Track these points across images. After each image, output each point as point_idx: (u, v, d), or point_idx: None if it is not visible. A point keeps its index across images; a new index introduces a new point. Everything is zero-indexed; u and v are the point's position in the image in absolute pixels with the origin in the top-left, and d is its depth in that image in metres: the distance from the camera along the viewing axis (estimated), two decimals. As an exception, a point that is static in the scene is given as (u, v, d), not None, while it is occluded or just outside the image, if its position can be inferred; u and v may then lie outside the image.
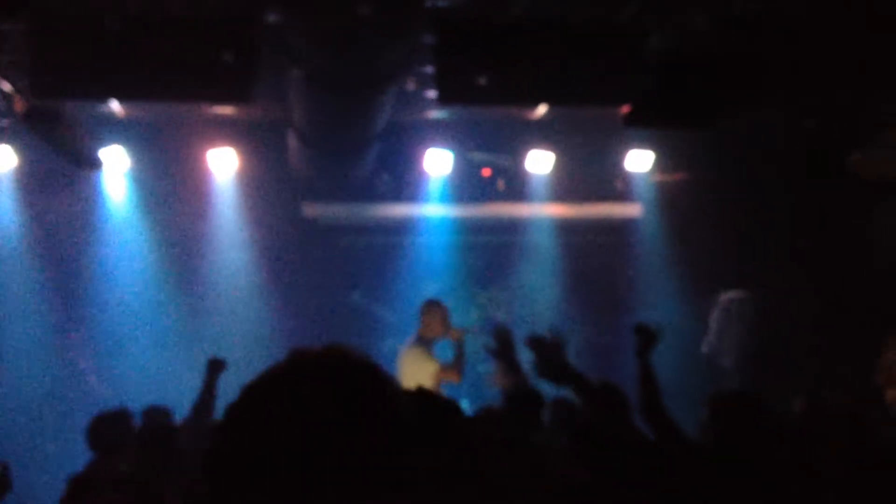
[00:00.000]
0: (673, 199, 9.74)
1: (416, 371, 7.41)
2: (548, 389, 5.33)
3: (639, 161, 9.64)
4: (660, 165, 9.74)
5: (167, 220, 9.48)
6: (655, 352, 9.16)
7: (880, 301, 7.07)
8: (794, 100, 7.01)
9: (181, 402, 8.62)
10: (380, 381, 1.61)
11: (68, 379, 9.36)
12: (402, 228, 10.01)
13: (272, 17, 5.36)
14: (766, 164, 8.37)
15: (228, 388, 8.49)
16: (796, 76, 6.72)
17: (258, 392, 1.58)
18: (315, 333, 9.43)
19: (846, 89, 7.00)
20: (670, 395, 4.99)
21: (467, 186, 9.76)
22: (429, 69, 7.06)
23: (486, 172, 9.74)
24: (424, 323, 7.83)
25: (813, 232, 8.40)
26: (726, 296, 9.43)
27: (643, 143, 9.45)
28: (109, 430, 5.14)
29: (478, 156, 9.65)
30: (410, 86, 7.35)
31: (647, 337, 4.69)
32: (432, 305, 7.95)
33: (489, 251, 10.24)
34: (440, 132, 9.52)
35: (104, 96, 7.44)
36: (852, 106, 7.18)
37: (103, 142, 8.53)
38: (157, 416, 5.68)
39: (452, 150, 9.52)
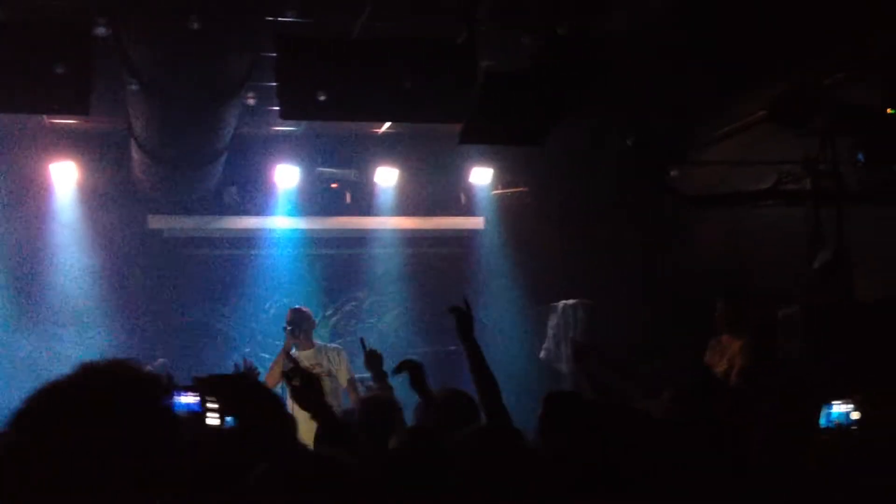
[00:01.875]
0: (513, 212, 10.13)
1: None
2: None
3: (480, 175, 10.00)
4: (500, 179, 10.12)
5: (6, 233, 9.20)
6: (497, 359, 9.47)
7: (701, 305, 7.57)
8: (616, 117, 7.46)
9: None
10: (154, 395, 1.76)
11: None
12: (249, 241, 10.04)
13: (102, 31, 5.35)
14: (596, 177, 8.84)
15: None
16: (621, 92, 7.17)
17: (39, 402, 1.72)
18: (159, 348, 9.36)
19: (666, 108, 7.49)
20: (510, 398, 5.25)
21: (315, 200, 9.89)
22: (273, 84, 7.18)
23: (334, 186, 9.89)
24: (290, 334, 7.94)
25: (639, 241, 8.92)
26: (562, 303, 9.87)
27: (484, 158, 9.80)
28: None
29: (325, 170, 9.79)
30: (251, 101, 7.42)
31: (462, 316, 4.62)
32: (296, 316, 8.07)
33: (337, 264, 10.39)
34: (288, 146, 9.63)
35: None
36: (671, 125, 7.68)
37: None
38: None
39: (300, 163, 9.64)
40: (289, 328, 7.96)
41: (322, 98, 6.27)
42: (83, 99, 6.31)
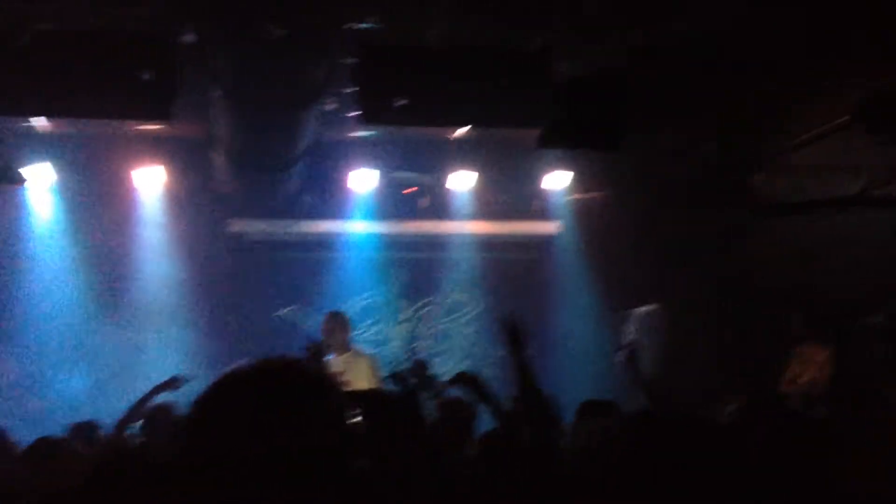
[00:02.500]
0: (590, 217, 10.06)
1: None
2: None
3: (557, 180, 9.95)
4: (576, 184, 10.06)
5: (94, 236, 9.49)
6: (572, 367, 9.41)
7: (776, 315, 7.44)
8: (698, 121, 7.36)
9: (108, 414, 8.70)
10: (332, 390, 1.76)
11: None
12: (328, 244, 10.16)
13: (188, 39, 5.48)
14: (673, 183, 8.74)
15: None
16: (700, 98, 7.07)
17: (220, 393, 1.70)
18: (242, 348, 9.53)
19: (749, 112, 7.37)
20: None
21: (391, 204, 9.96)
22: (352, 90, 7.27)
23: (410, 191, 9.95)
24: (325, 335, 7.99)
25: (716, 247, 8.78)
26: (639, 309, 9.76)
27: (560, 163, 9.76)
28: None
29: (402, 174, 9.86)
30: (331, 106, 7.52)
31: (513, 332, 4.41)
32: (331, 318, 8.16)
33: (414, 267, 10.45)
34: (365, 151, 9.72)
35: (21, 113, 7.48)
36: (754, 129, 7.55)
37: (29, 157, 8.53)
38: (82, 432, 5.65)
39: (377, 168, 9.73)
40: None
41: (401, 104, 6.31)
42: (166, 105, 6.49)
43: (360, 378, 7.82)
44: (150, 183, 9.40)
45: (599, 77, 5.84)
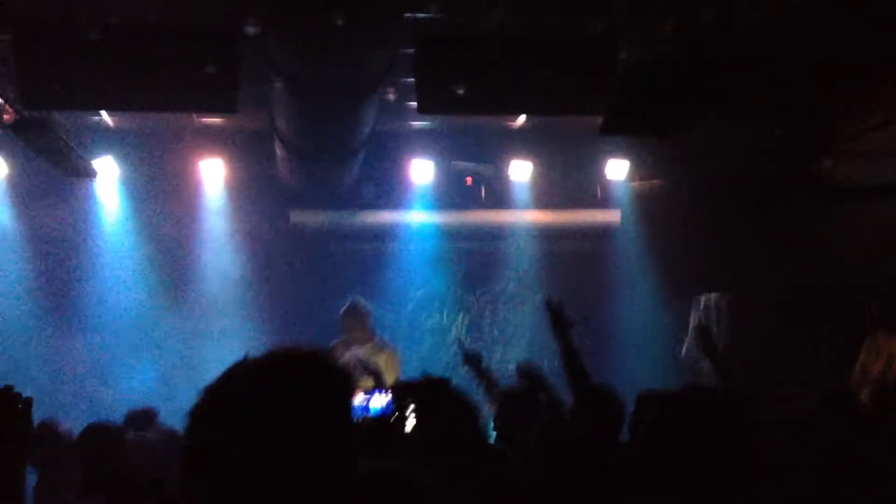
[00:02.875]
0: (650, 205, 9.94)
1: None
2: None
3: (616, 168, 9.85)
4: (637, 172, 9.95)
5: (158, 228, 9.65)
6: (636, 356, 9.31)
7: (846, 303, 7.27)
8: (764, 106, 7.22)
9: (175, 406, 8.84)
10: (342, 380, 1.71)
11: (67, 384, 9.46)
12: (388, 235, 10.19)
13: (251, 30, 5.52)
14: (738, 169, 8.59)
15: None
16: (766, 83, 6.93)
17: (223, 390, 1.67)
18: (306, 338, 9.61)
19: (817, 97, 7.21)
20: None
21: (450, 194, 9.96)
22: (410, 79, 7.28)
23: (469, 181, 9.93)
24: (346, 329, 8.04)
25: (784, 234, 8.61)
26: (704, 297, 9.63)
27: (620, 151, 9.66)
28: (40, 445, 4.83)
29: (460, 164, 9.85)
30: (390, 96, 7.52)
31: (556, 313, 4.56)
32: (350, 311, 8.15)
33: (473, 257, 10.43)
34: (423, 141, 9.74)
35: (91, 106, 7.63)
36: (823, 113, 7.38)
37: (95, 151, 8.69)
38: (139, 418, 5.74)
39: (435, 158, 9.72)
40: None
41: (461, 92, 6.28)
42: (231, 98, 6.55)
43: (388, 372, 7.76)
44: (212, 175, 9.51)
45: (663, 62, 5.74)
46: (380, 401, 3.84)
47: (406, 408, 3.52)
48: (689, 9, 5.85)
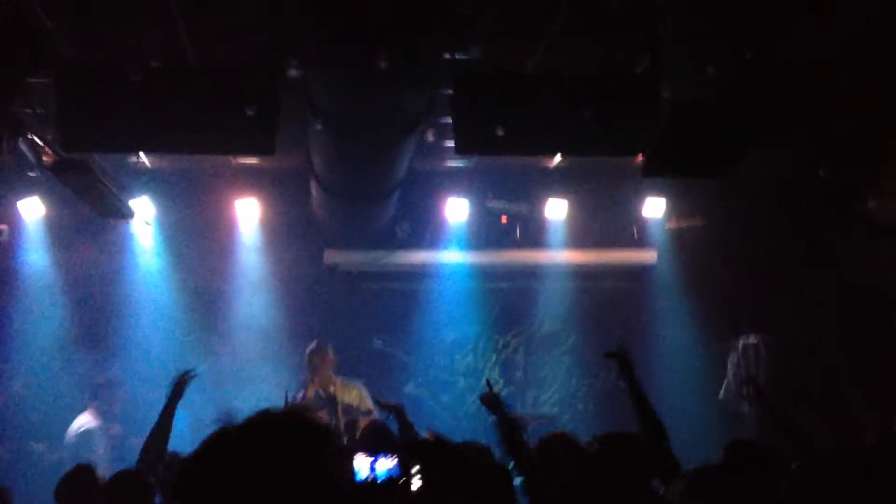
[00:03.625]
0: (687, 244, 9.83)
1: None
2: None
3: (653, 207, 9.76)
4: (674, 210, 9.85)
5: (194, 269, 9.65)
6: (673, 400, 9.15)
7: (887, 341, 7.13)
8: (802, 144, 7.13)
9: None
10: (326, 445, 1.75)
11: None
12: (421, 275, 10.15)
13: (293, 72, 5.52)
14: (777, 208, 8.48)
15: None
16: (806, 121, 6.85)
17: (211, 448, 1.76)
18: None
19: (854, 133, 7.12)
20: (689, 442, 5.05)
21: (485, 233, 9.90)
22: (446, 119, 7.25)
23: (504, 220, 9.87)
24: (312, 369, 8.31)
25: (824, 275, 8.46)
26: (742, 340, 9.48)
27: (657, 190, 9.57)
28: (73, 488, 5.02)
29: (495, 203, 9.79)
30: (430, 137, 7.50)
31: (621, 359, 4.65)
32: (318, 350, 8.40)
33: (508, 297, 10.36)
34: (458, 180, 9.71)
35: (130, 149, 7.66)
36: (865, 151, 7.28)
37: (131, 191, 8.72)
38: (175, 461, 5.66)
39: (470, 197, 9.69)
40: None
41: (501, 133, 6.24)
42: (269, 140, 6.52)
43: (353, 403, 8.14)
44: (248, 214, 9.52)
45: (706, 101, 5.68)
46: (386, 464, 3.82)
47: (412, 469, 3.51)
48: (733, 46, 5.81)
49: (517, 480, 4.68)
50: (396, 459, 3.82)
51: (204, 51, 6.42)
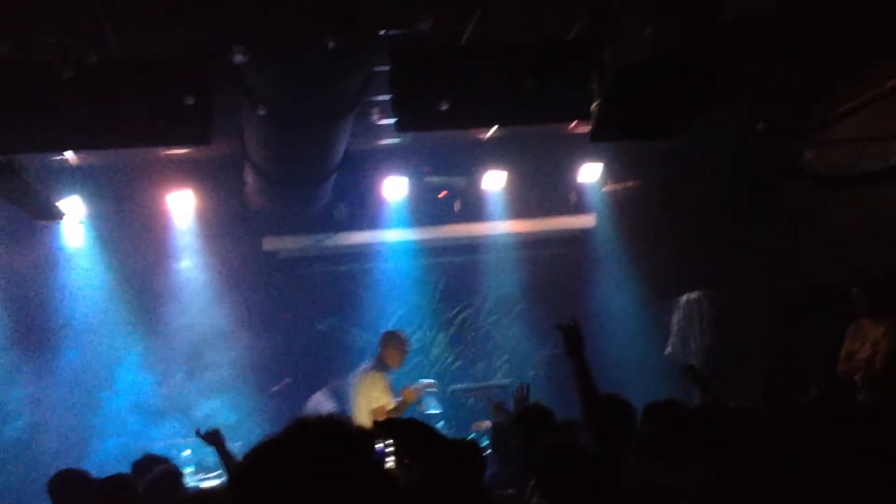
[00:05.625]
0: (625, 207, 9.91)
1: (373, 394, 7.68)
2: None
3: (589, 172, 9.82)
4: (611, 174, 9.92)
5: (128, 264, 9.41)
6: (619, 359, 9.24)
7: (836, 293, 7.27)
8: (742, 102, 7.22)
9: (154, 444, 8.62)
10: (370, 449, 1.77)
11: (35, 428, 9.19)
12: (363, 255, 10.07)
13: (237, 59, 5.36)
14: (715, 164, 8.58)
15: (207, 422, 8.49)
16: (744, 78, 6.92)
17: (260, 460, 1.73)
18: (288, 365, 9.47)
19: (791, 88, 7.22)
20: (637, 401, 5.06)
21: (425, 210, 9.84)
22: (381, 97, 7.16)
23: (443, 194, 9.82)
24: (387, 354, 7.93)
25: (765, 229, 8.61)
26: (685, 297, 9.62)
27: (593, 155, 9.61)
28: (68, 488, 5.00)
29: (433, 179, 9.74)
30: (375, 116, 7.39)
31: (568, 333, 4.41)
32: (394, 337, 8.06)
33: (452, 271, 10.34)
34: (394, 158, 9.62)
35: (61, 148, 7.40)
36: (799, 104, 7.40)
37: (60, 191, 8.44)
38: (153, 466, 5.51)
39: (408, 175, 9.61)
40: None
41: (445, 108, 6.17)
42: (205, 129, 6.37)
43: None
44: (182, 207, 9.30)
45: (649, 64, 5.68)
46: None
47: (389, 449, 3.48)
48: (671, 7, 5.82)
49: None
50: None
51: (131, 45, 6.20)
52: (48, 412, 9.32)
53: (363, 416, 7.60)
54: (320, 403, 8.85)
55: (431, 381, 8.36)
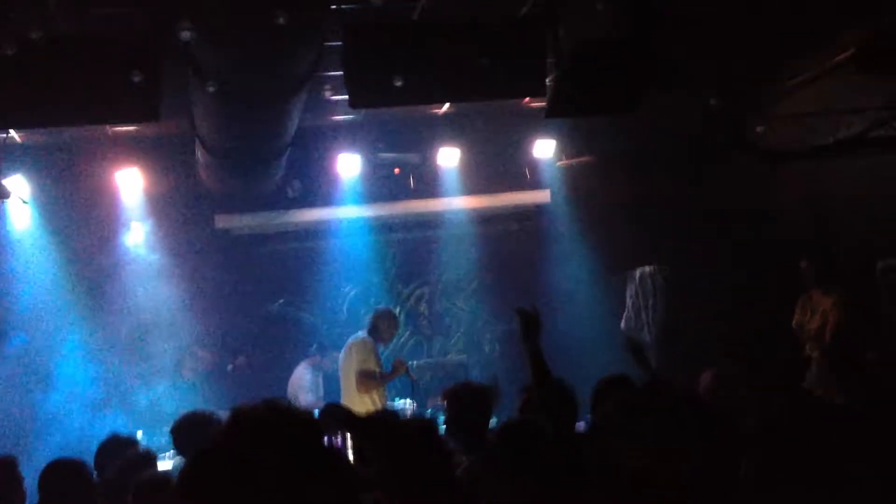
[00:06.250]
0: (579, 182, 9.94)
1: (364, 358, 8.00)
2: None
3: (543, 147, 9.82)
4: (564, 149, 9.93)
5: (77, 245, 9.21)
6: (575, 333, 9.29)
7: (786, 267, 7.38)
8: (693, 77, 7.25)
9: (87, 428, 8.48)
10: (319, 434, 1.71)
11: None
12: (317, 233, 10.00)
13: (185, 35, 5.25)
14: (668, 140, 8.63)
15: (165, 400, 8.35)
16: (695, 53, 6.95)
17: (206, 457, 1.68)
18: (241, 345, 9.40)
19: (741, 63, 7.27)
20: (592, 374, 5.10)
21: (379, 186, 9.77)
22: (332, 73, 7.08)
23: (397, 171, 9.76)
24: (381, 329, 8.23)
25: (717, 203, 8.69)
26: (639, 270, 9.70)
27: (547, 131, 9.61)
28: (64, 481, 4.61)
29: (387, 155, 9.67)
30: (328, 92, 7.30)
31: (527, 319, 4.48)
32: (390, 314, 8.43)
33: (407, 248, 10.32)
34: (347, 134, 9.54)
35: (6, 126, 7.22)
36: (750, 80, 7.45)
37: (4, 170, 8.24)
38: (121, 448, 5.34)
39: (361, 151, 9.53)
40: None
41: (399, 84, 6.11)
42: (153, 106, 6.27)
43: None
44: (130, 185, 9.13)
45: (606, 39, 5.68)
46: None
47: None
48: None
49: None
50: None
51: (76, 21, 6.05)
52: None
53: (351, 377, 7.94)
54: (302, 377, 8.90)
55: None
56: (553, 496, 3.63)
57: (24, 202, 8.83)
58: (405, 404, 8.16)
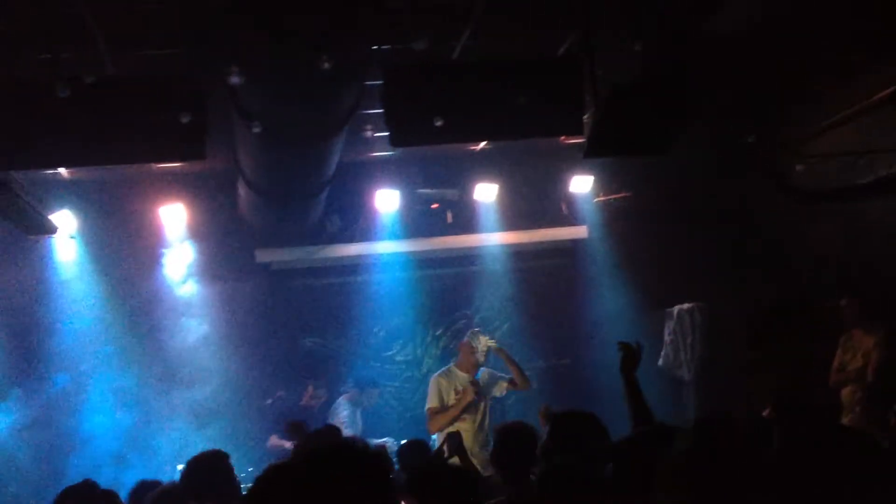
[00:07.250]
0: (617, 218, 9.96)
1: (430, 399, 8.25)
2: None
3: (581, 184, 9.86)
4: (602, 186, 9.96)
5: (121, 278, 9.38)
6: (612, 370, 9.25)
7: (823, 305, 7.35)
8: (729, 116, 7.29)
9: (146, 465, 8.59)
10: (383, 469, 1.76)
11: (30, 448, 9.15)
12: (355, 268, 10.07)
13: (233, 80, 5.39)
14: (707, 177, 8.64)
15: (202, 441, 8.43)
16: (733, 92, 6.99)
17: (269, 484, 1.72)
18: (281, 379, 9.46)
19: (779, 102, 7.29)
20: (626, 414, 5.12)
21: (417, 222, 9.86)
22: (373, 111, 7.19)
23: (435, 206, 9.85)
24: (460, 357, 8.47)
25: (756, 240, 8.67)
26: (677, 308, 9.67)
27: (584, 167, 9.66)
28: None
29: (425, 191, 9.77)
30: (369, 132, 7.42)
31: (628, 353, 4.85)
32: (464, 345, 8.58)
33: (444, 283, 10.35)
34: (385, 170, 9.65)
35: (58, 165, 7.43)
36: (787, 117, 7.46)
37: (52, 205, 8.43)
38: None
39: (399, 187, 9.64)
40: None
41: (439, 124, 6.20)
42: (200, 146, 6.38)
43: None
44: (173, 220, 9.30)
45: (644, 78, 5.74)
46: None
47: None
48: (660, 22, 5.87)
49: None
50: None
51: (126, 63, 6.24)
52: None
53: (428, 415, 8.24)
54: (339, 412, 8.98)
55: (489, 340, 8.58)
56: None
57: (72, 237, 9.02)
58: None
